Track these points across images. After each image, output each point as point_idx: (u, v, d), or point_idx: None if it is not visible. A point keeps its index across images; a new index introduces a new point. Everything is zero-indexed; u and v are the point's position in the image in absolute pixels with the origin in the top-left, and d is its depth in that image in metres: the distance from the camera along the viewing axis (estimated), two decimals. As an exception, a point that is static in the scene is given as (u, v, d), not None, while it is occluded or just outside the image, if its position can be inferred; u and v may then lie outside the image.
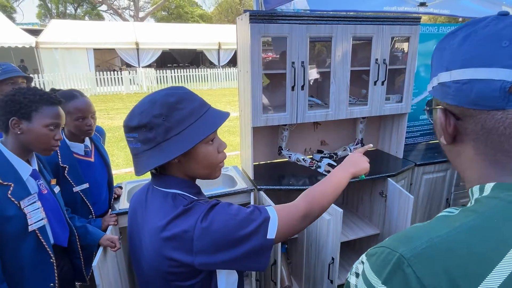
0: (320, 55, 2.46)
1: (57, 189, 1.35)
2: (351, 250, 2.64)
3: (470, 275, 0.36)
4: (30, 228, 1.15)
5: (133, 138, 0.78)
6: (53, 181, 1.34)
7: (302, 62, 2.00)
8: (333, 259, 1.83)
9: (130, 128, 0.77)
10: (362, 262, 0.45)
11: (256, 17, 1.83)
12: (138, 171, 0.79)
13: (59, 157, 1.56)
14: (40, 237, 1.18)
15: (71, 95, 1.57)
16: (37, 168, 1.26)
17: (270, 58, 2.35)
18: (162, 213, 0.77)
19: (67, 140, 1.60)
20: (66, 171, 1.56)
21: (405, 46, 2.36)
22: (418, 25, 2.21)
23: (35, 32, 12.89)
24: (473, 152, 0.47)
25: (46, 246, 1.20)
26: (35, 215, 1.16)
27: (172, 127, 0.76)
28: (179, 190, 0.82)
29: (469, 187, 0.49)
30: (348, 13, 2.35)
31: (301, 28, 1.94)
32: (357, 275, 0.46)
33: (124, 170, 5.01)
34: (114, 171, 4.78)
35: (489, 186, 0.44)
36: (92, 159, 1.70)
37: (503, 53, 0.41)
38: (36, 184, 1.23)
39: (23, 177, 1.18)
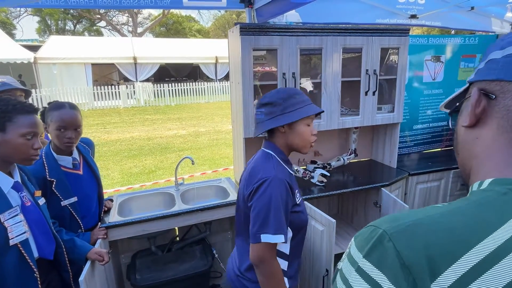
0: (317, 68, 2.48)
1: (42, 201, 1.32)
2: (347, 262, 2.59)
3: (448, 254, 0.37)
4: (11, 242, 1.12)
5: (261, 112, 1.21)
6: (38, 193, 1.32)
7: (293, 73, 2.01)
8: (327, 271, 1.79)
9: (261, 104, 1.21)
10: (350, 245, 0.46)
11: (246, 30, 1.86)
12: (256, 132, 1.24)
13: (47, 171, 1.54)
14: (23, 251, 1.15)
15: (60, 105, 1.56)
16: (19, 180, 1.23)
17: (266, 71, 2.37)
18: (257, 161, 1.23)
19: (54, 154, 1.58)
20: (53, 185, 1.54)
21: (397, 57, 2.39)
22: (407, 36, 2.25)
23: (34, 48, 13.01)
24: (494, 133, 0.48)
25: (29, 261, 1.17)
26: (17, 228, 1.14)
27: (287, 107, 1.17)
28: (274, 152, 1.23)
29: (472, 182, 0.50)
30: (338, 25, 2.38)
31: (291, 40, 1.96)
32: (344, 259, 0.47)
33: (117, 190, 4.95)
34: (109, 189, 4.72)
35: (487, 182, 0.45)
36: (81, 172, 1.68)
37: None
38: (19, 197, 1.20)
39: (4, 190, 1.16)
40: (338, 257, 1.89)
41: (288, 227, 1.19)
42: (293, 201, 1.20)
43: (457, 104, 0.57)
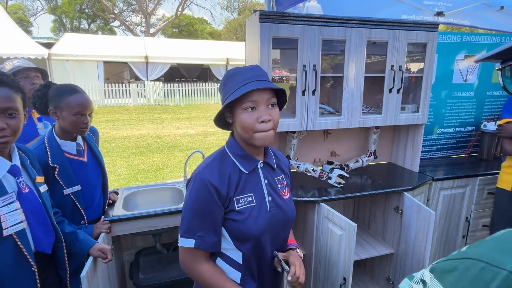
0: (339, 66, 2.36)
1: (43, 188, 1.20)
2: (361, 270, 2.44)
3: None
4: (6, 233, 1.00)
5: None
6: (39, 179, 1.20)
7: (314, 66, 1.89)
8: (345, 279, 1.65)
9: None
10: (423, 282, 0.31)
11: (266, 17, 1.75)
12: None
13: (49, 156, 1.44)
14: (19, 243, 1.03)
15: (73, 89, 1.48)
16: (18, 164, 1.12)
17: (278, 74, 2.25)
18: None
19: (57, 138, 1.49)
20: (56, 172, 1.44)
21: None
22: (436, 32, 2.11)
23: (49, 45, 13.17)
24: None
25: (26, 253, 1.05)
26: (12, 217, 1.02)
27: (225, 93, 1.00)
28: (226, 146, 1.07)
29: None
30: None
31: (314, 30, 1.84)
32: None
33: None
34: (114, 185, 4.64)
35: None
36: (85, 159, 1.58)
37: None
38: (15, 182, 1.09)
39: None
40: (354, 265, 1.75)
41: (228, 236, 1.04)
42: (228, 207, 1.01)
43: None
